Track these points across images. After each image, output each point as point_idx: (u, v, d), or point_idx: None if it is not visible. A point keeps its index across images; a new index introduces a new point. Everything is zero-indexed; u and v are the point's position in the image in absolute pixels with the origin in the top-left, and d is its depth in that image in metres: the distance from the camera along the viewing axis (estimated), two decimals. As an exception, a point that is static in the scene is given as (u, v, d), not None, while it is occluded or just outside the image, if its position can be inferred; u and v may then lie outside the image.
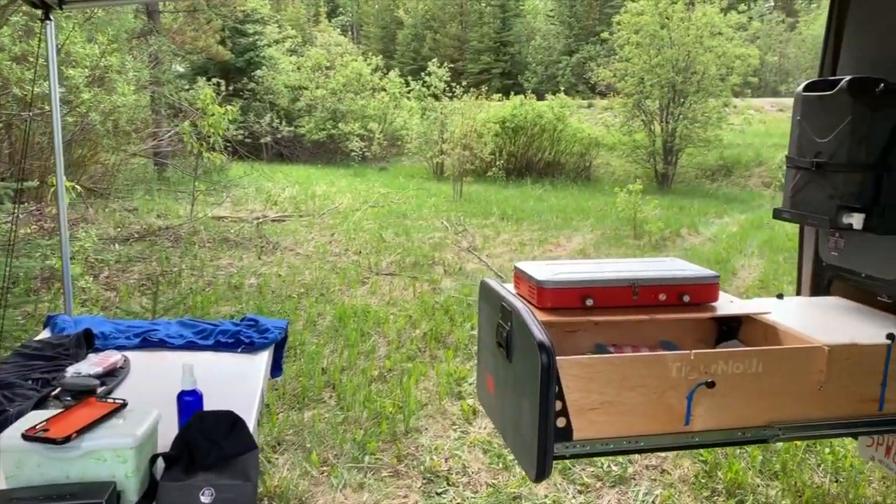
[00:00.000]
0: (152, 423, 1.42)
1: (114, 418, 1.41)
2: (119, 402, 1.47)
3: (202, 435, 1.43)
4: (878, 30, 2.61)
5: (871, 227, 2.41)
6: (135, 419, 1.41)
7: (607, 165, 17.51)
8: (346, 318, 5.37)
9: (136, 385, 1.87)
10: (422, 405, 3.97)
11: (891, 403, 2.30)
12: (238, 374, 1.99)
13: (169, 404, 1.63)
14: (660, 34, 15.07)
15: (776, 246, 8.58)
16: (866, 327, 2.40)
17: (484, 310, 2.54)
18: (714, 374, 2.14)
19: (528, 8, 46.47)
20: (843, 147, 2.43)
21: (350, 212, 10.23)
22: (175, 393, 1.63)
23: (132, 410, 1.45)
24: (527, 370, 2.08)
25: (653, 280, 2.38)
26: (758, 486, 3.15)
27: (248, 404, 1.75)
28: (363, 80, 20.53)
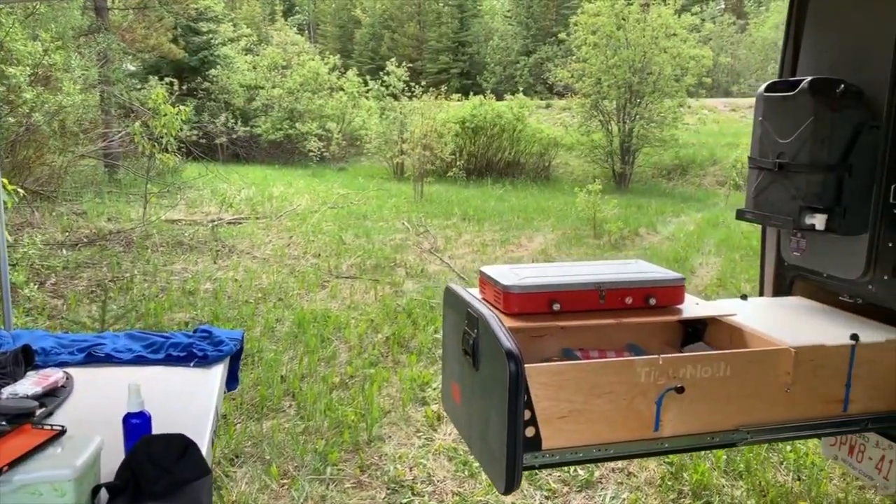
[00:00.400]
0: (94, 452, 1.31)
1: (51, 447, 1.30)
2: (57, 429, 1.35)
3: (150, 461, 1.33)
4: (836, 31, 2.62)
5: (833, 227, 2.42)
6: (74, 447, 1.30)
7: (566, 165, 17.63)
8: (305, 323, 5.24)
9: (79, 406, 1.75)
10: (385, 412, 3.89)
11: (855, 404, 2.31)
12: (191, 390, 1.87)
13: (115, 426, 1.52)
14: (616, 35, 15.23)
15: (733, 244, 8.72)
16: (830, 328, 2.41)
17: (449, 316, 2.47)
18: (683, 378, 2.11)
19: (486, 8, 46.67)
20: (805, 148, 2.43)
21: (308, 213, 10.05)
22: (122, 413, 1.52)
23: (72, 437, 1.34)
24: (494, 379, 2.02)
25: (619, 283, 2.35)
26: (723, 487, 3.15)
27: (201, 423, 1.65)
28: (321, 80, 20.27)
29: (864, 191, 2.40)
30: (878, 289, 2.43)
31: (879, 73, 2.38)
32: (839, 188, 2.40)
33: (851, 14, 2.54)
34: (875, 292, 2.45)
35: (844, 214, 2.40)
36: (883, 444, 2.47)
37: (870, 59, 2.44)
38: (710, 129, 18.13)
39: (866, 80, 2.41)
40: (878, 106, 2.38)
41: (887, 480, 2.43)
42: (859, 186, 2.39)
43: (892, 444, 2.44)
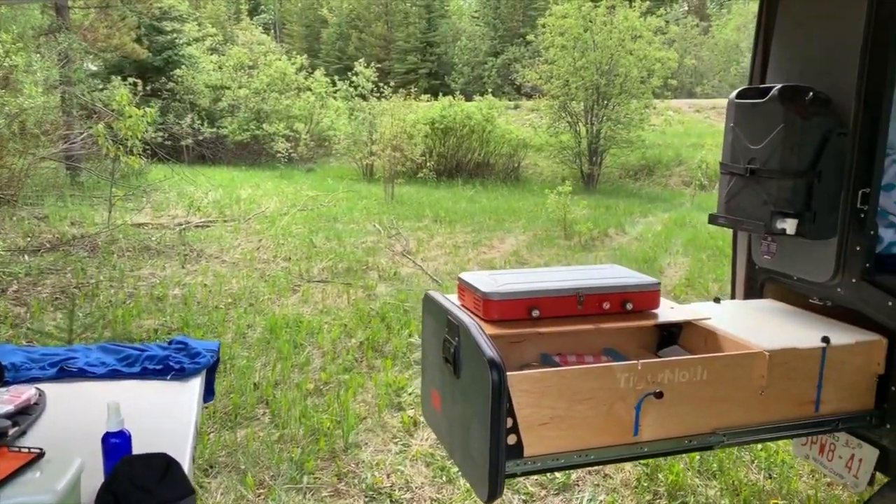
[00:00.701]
0: (74, 475, 1.27)
1: (29, 471, 1.26)
2: (35, 452, 1.31)
3: (132, 483, 1.30)
4: (804, 39, 2.68)
5: (804, 232, 2.47)
6: (54, 471, 1.26)
7: (535, 166, 17.74)
8: (277, 328, 5.18)
9: (53, 424, 1.70)
10: (361, 419, 3.86)
11: (826, 404, 2.36)
12: (169, 404, 1.84)
13: (92, 444, 1.48)
14: (584, 37, 15.37)
15: (699, 244, 8.86)
16: (801, 330, 2.46)
17: (428, 323, 2.46)
18: (661, 383, 2.13)
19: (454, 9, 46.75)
20: (776, 154, 2.48)
21: (278, 216, 9.95)
22: (99, 431, 1.48)
23: (50, 460, 1.30)
24: (476, 387, 2.02)
25: (597, 288, 2.37)
26: (697, 487, 3.20)
27: (181, 439, 1.62)
28: (288, 80, 20.09)
29: (832, 196, 2.45)
30: (847, 291, 2.49)
31: (846, 80, 2.44)
32: (809, 193, 2.45)
33: (818, 23, 2.60)
34: (843, 295, 2.51)
35: (814, 219, 2.45)
36: (852, 444, 2.53)
37: (836, 68, 2.50)
38: (675, 130, 18.41)
39: (833, 88, 2.47)
40: (845, 113, 2.44)
41: (857, 478, 2.49)
42: (828, 192, 2.44)
43: (861, 443, 2.50)
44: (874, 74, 2.37)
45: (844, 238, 2.47)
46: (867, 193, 2.41)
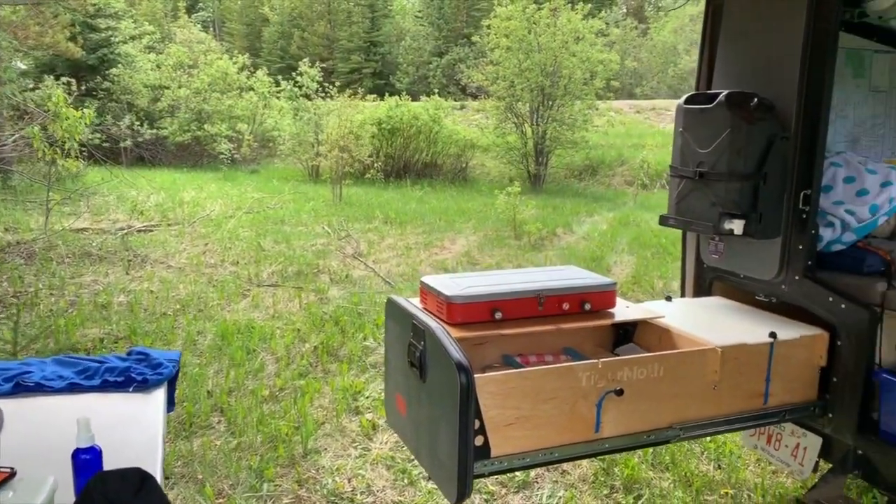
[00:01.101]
0: (49, 494, 1.24)
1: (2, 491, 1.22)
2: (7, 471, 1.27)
3: (106, 499, 1.27)
4: (747, 47, 2.80)
5: (750, 232, 2.58)
6: (28, 490, 1.22)
7: (483, 166, 17.88)
8: (228, 335, 5.10)
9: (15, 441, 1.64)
10: (319, 424, 3.84)
11: (774, 397, 2.48)
12: (134, 416, 1.80)
13: (57, 461, 1.44)
14: (528, 39, 15.57)
15: (644, 243, 9.10)
16: (750, 326, 2.57)
17: (392, 328, 2.47)
18: (620, 380, 2.20)
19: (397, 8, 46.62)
20: (724, 158, 2.58)
21: (223, 219, 9.75)
22: (65, 447, 1.44)
23: (23, 479, 1.26)
24: (443, 390, 2.05)
25: (557, 290, 2.42)
26: (652, 480, 3.30)
27: (150, 452, 1.59)
28: (229, 80, 19.68)
29: (776, 197, 2.57)
30: (791, 288, 2.62)
31: (787, 87, 2.57)
32: (755, 195, 2.56)
33: (760, 32, 2.72)
34: (787, 291, 2.63)
35: (760, 220, 2.57)
36: (798, 433, 2.66)
37: (778, 75, 2.63)
38: (617, 131, 18.84)
39: (776, 94, 2.59)
40: (787, 118, 2.56)
41: (802, 466, 2.62)
42: (772, 193, 2.56)
43: (805, 433, 2.64)
44: (813, 81, 2.50)
45: (788, 237, 2.60)
46: (808, 195, 2.54)
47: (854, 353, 2.44)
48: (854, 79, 3.29)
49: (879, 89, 3.36)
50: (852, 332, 2.44)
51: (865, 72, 3.31)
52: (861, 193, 2.72)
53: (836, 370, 2.50)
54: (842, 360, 2.48)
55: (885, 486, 2.41)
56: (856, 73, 3.30)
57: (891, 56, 3.33)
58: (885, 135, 3.43)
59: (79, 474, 1.37)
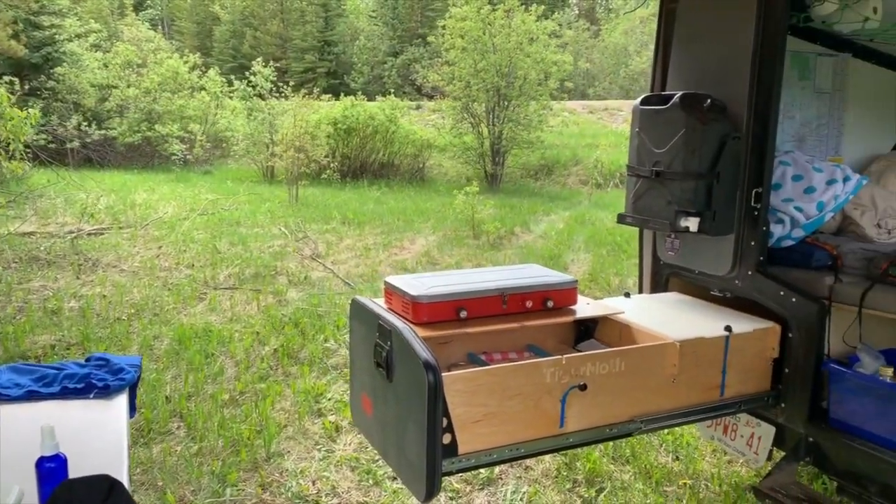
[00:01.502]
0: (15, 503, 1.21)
1: (-37, 503, 1.19)
2: (-32, 483, 1.24)
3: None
4: (700, 50, 2.88)
5: (705, 229, 2.66)
6: (-9, 501, 1.20)
7: (440, 166, 17.92)
8: (186, 339, 5.00)
9: (-29, 452, 1.59)
10: (281, 427, 3.81)
11: (729, 388, 2.56)
12: (97, 423, 1.76)
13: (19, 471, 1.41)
14: (483, 39, 15.67)
15: (599, 241, 9.25)
16: (706, 321, 2.65)
17: (357, 329, 2.47)
18: (584, 375, 2.25)
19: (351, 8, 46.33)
20: (679, 157, 2.65)
21: (177, 221, 9.55)
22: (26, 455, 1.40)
23: (-15, 490, 1.23)
24: (411, 390, 2.06)
25: (520, 288, 2.46)
26: (613, 473, 3.37)
27: (115, 459, 1.56)
28: (180, 79, 19.28)
29: (729, 196, 2.66)
30: (744, 283, 2.71)
31: (739, 88, 2.66)
32: (709, 194, 2.64)
33: (712, 35, 2.81)
34: (741, 286, 2.72)
35: (714, 217, 2.65)
36: (752, 423, 2.76)
37: (730, 76, 2.72)
38: (571, 131, 19.11)
39: (728, 95, 2.68)
40: (738, 119, 2.65)
41: (757, 455, 2.72)
42: (726, 192, 2.65)
43: (760, 423, 2.73)
44: (763, 83, 2.60)
45: (741, 234, 2.69)
46: (759, 193, 2.63)
47: (804, 345, 2.54)
48: (800, 81, 3.42)
49: (823, 91, 3.51)
50: (803, 324, 2.54)
51: (810, 74, 3.45)
52: (809, 191, 2.83)
53: (788, 361, 2.60)
54: (793, 352, 2.58)
55: (835, 471, 2.52)
56: (801, 75, 3.43)
57: (833, 59, 3.47)
58: (829, 134, 3.57)
59: (44, 483, 1.34)
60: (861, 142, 3.69)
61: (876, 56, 3.60)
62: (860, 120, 3.64)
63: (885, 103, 3.81)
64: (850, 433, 2.44)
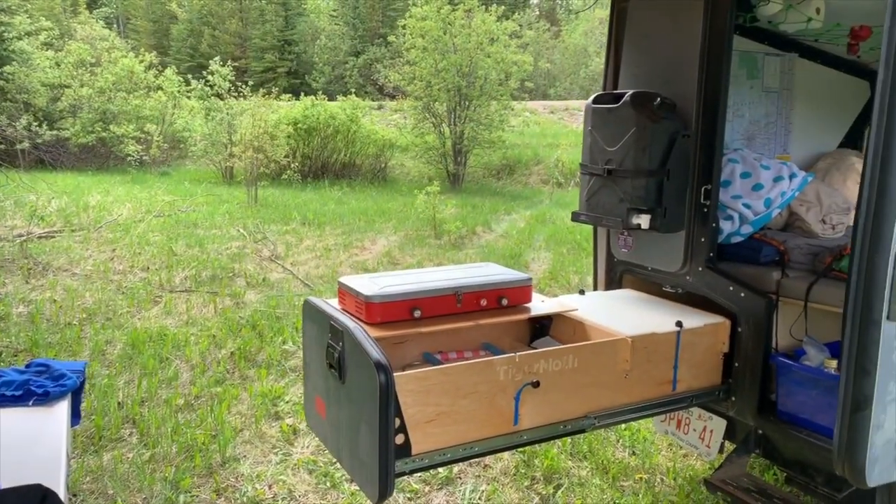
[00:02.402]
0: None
1: None
2: None
3: (3, 519, 1.20)
4: (650, 49, 2.92)
5: (656, 226, 2.69)
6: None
7: (402, 166, 17.88)
8: (139, 343, 4.89)
9: None
10: (237, 431, 3.74)
11: (681, 383, 2.60)
12: (34, 431, 1.70)
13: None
14: (443, 39, 15.67)
15: (560, 239, 9.33)
16: (658, 316, 2.68)
17: (309, 330, 2.44)
18: (537, 373, 2.26)
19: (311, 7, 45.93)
20: (630, 155, 2.68)
21: (132, 223, 9.34)
22: (-46, 468, 1.35)
23: None
24: (363, 391, 2.04)
25: (474, 286, 2.46)
26: (571, 469, 3.39)
27: (52, 468, 1.51)
28: (136, 78, 18.87)
29: (679, 193, 2.70)
30: (694, 279, 2.75)
31: (688, 87, 2.70)
32: (660, 191, 2.67)
33: (661, 34, 2.85)
34: (692, 282, 2.77)
35: (665, 214, 2.69)
36: (704, 417, 2.80)
37: (679, 75, 2.75)
38: (532, 131, 19.25)
39: (677, 94, 2.72)
40: (688, 117, 2.69)
41: (709, 448, 2.76)
42: (676, 189, 2.68)
43: (711, 416, 2.77)
44: (711, 81, 2.64)
45: (691, 231, 2.73)
46: (709, 190, 2.67)
47: (753, 339, 2.59)
48: (748, 80, 3.49)
49: (771, 90, 3.58)
50: (751, 319, 2.59)
51: (758, 73, 3.52)
52: (756, 188, 2.89)
53: (738, 355, 2.65)
54: (742, 346, 2.62)
55: (783, 462, 2.57)
56: (750, 74, 3.50)
57: (780, 58, 3.55)
58: (777, 132, 3.65)
59: (-28, 495, 1.29)
60: (808, 140, 3.78)
61: (820, 56, 3.70)
62: (807, 118, 3.73)
63: (830, 102, 3.91)
64: (798, 425, 2.50)
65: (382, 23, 41.53)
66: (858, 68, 3.94)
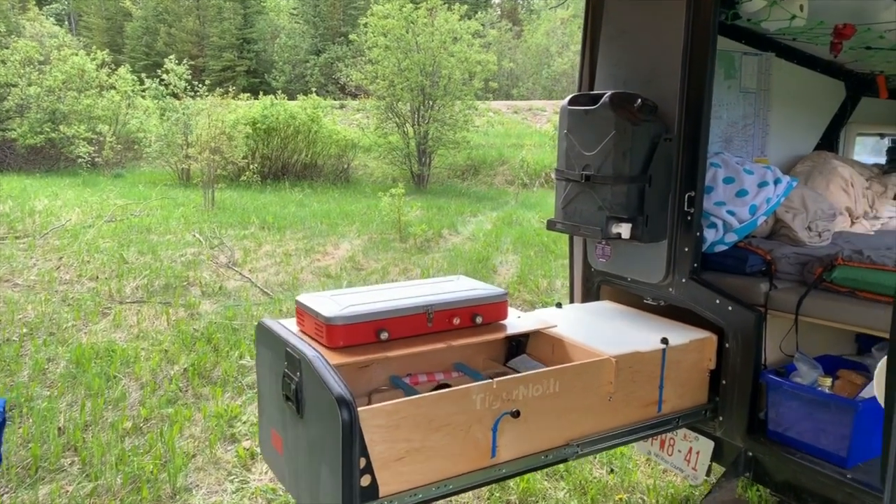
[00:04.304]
0: None
1: None
2: None
3: None
4: (629, 47, 2.75)
5: (638, 235, 2.52)
6: None
7: (365, 167, 17.58)
8: (85, 361, 4.57)
9: None
10: (189, 457, 3.47)
11: (667, 403, 2.43)
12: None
13: None
14: (406, 38, 15.44)
15: (527, 241, 9.18)
16: (641, 332, 2.51)
17: (264, 356, 2.21)
18: (516, 399, 2.07)
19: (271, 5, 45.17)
20: (609, 160, 2.50)
21: (81, 229, 8.89)
22: None
23: None
24: (324, 428, 1.82)
25: (446, 304, 2.26)
26: (548, 491, 3.21)
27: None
28: (87, 77, 18.18)
29: (662, 200, 2.53)
30: (678, 291, 2.59)
31: (669, 87, 2.53)
32: (641, 198, 2.50)
33: (641, 31, 2.68)
34: (675, 294, 2.60)
35: (647, 223, 2.52)
36: (690, 437, 2.64)
37: (660, 74, 2.59)
38: (497, 131, 19.14)
39: (659, 95, 2.55)
40: (669, 119, 2.53)
41: (696, 471, 2.60)
42: (658, 196, 2.52)
43: (697, 437, 2.62)
44: (694, 81, 2.48)
45: (674, 240, 2.57)
46: (693, 197, 2.51)
47: (741, 355, 2.44)
48: (726, 80, 3.35)
49: (749, 90, 3.46)
50: (739, 334, 2.44)
51: (736, 73, 3.39)
52: (741, 194, 2.74)
53: (725, 372, 2.50)
54: (730, 363, 2.48)
55: (775, 486, 2.42)
56: (727, 74, 3.36)
57: (758, 58, 3.42)
58: (755, 134, 3.53)
59: None
60: (784, 142, 3.68)
61: (797, 56, 3.59)
62: (783, 120, 3.62)
63: (806, 103, 3.81)
64: (789, 446, 2.35)
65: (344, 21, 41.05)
66: (834, 69, 3.85)
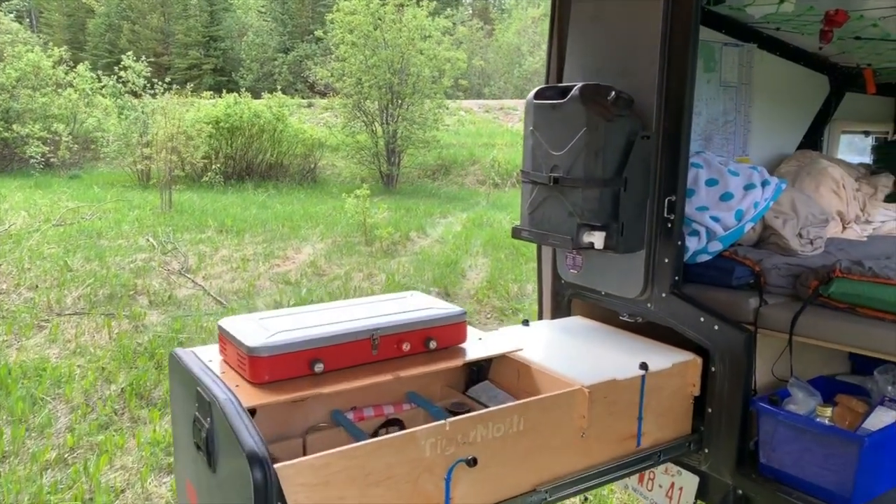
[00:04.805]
0: None
1: None
2: None
3: None
4: (600, 34, 2.46)
5: (612, 245, 2.23)
6: None
7: (333, 167, 17.16)
8: (10, 381, 4.16)
9: None
10: (118, 493, 3.11)
11: (647, 436, 2.16)
12: None
13: None
14: (374, 35, 15.08)
15: (497, 244, 8.90)
16: (617, 355, 2.23)
17: (177, 394, 1.87)
18: (474, 442, 1.76)
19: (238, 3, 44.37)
20: (580, 160, 2.21)
21: (25, 234, 8.39)
22: None
23: None
24: (236, 487, 1.49)
25: (395, 327, 1.96)
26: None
27: None
28: (43, 75, 17.50)
29: (639, 205, 2.25)
30: (657, 307, 2.31)
31: (647, 79, 2.25)
32: (616, 204, 2.21)
33: (614, 17, 2.39)
34: (654, 311, 2.32)
35: (622, 231, 2.23)
36: (672, 471, 2.37)
37: (636, 64, 2.30)
38: (468, 130, 18.88)
39: (635, 87, 2.26)
40: (647, 115, 2.24)
41: (678, 509, 2.32)
42: (635, 201, 2.23)
43: (680, 471, 2.34)
44: (675, 72, 2.20)
45: (653, 250, 2.28)
46: (673, 202, 2.23)
47: (730, 381, 2.16)
48: (705, 73, 3.09)
49: (729, 84, 3.20)
50: (726, 356, 2.16)
51: (716, 66, 3.13)
52: (725, 197, 2.47)
53: (711, 400, 2.22)
54: (717, 389, 2.20)
55: (769, 529, 2.15)
56: (707, 66, 3.10)
57: (739, 49, 3.17)
58: (737, 132, 3.28)
59: None
60: (767, 140, 3.43)
61: (780, 47, 3.34)
62: (766, 117, 3.37)
63: (790, 99, 3.58)
64: (784, 483, 2.09)
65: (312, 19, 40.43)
66: (818, 62, 3.62)
